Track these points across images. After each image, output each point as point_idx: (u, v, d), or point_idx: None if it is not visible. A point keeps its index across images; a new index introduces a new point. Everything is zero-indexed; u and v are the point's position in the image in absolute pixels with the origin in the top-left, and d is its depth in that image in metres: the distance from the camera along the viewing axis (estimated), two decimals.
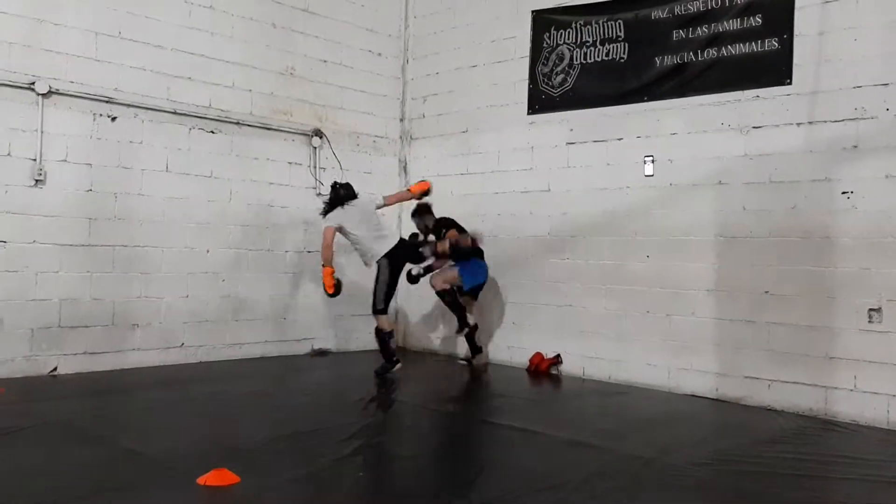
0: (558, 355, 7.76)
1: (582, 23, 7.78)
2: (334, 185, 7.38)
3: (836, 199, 6.09)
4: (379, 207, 7.46)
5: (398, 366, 7.32)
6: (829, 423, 5.89)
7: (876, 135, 5.93)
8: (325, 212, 7.30)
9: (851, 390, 5.95)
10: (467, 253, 7.63)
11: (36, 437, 4.86)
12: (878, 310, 5.85)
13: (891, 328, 5.78)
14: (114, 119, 7.18)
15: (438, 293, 7.79)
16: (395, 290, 7.51)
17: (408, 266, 7.70)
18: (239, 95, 8.05)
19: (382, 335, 7.31)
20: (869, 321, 5.89)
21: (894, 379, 5.74)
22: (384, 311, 7.28)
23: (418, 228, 8.11)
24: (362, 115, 9.15)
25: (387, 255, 7.21)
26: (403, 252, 7.41)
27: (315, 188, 8.62)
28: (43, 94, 6.74)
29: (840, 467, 4.77)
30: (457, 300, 7.78)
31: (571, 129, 7.84)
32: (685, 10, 7.00)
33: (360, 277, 7.98)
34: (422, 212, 8.08)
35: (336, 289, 7.12)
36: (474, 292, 7.95)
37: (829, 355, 6.07)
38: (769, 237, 6.44)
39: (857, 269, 5.97)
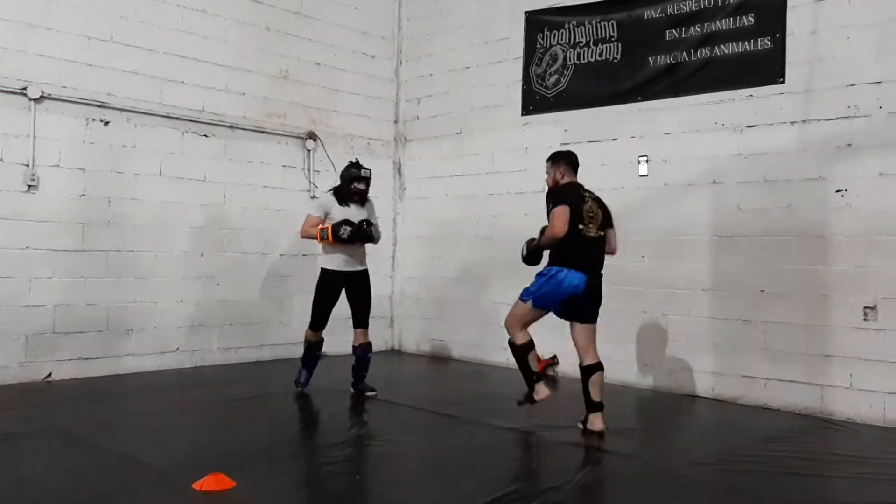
0: (554, 356, 7.75)
1: (575, 23, 7.78)
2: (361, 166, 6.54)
3: (830, 197, 6.11)
4: None
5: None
6: (825, 422, 5.90)
7: (869, 133, 5.94)
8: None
9: (847, 388, 5.96)
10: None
11: (31, 444, 4.84)
12: (874, 308, 5.86)
13: (886, 326, 5.79)
14: (106, 123, 7.15)
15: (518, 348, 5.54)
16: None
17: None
18: (232, 99, 8.03)
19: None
20: (864, 319, 5.89)
21: (890, 377, 5.75)
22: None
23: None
24: (356, 117, 9.14)
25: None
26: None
27: (309, 191, 8.60)
28: (35, 100, 6.72)
29: (837, 465, 4.78)
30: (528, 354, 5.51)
31: (566, 130, 7.84)
32: (678, 10, 7.00)
33: None
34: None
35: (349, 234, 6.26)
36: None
37: (825, 353, 6.07)
38: (764, 236, 6.45)
39: (851, 268, 5.97)
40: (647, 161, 7.23)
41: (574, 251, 5.25)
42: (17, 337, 6.64)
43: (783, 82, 6.37)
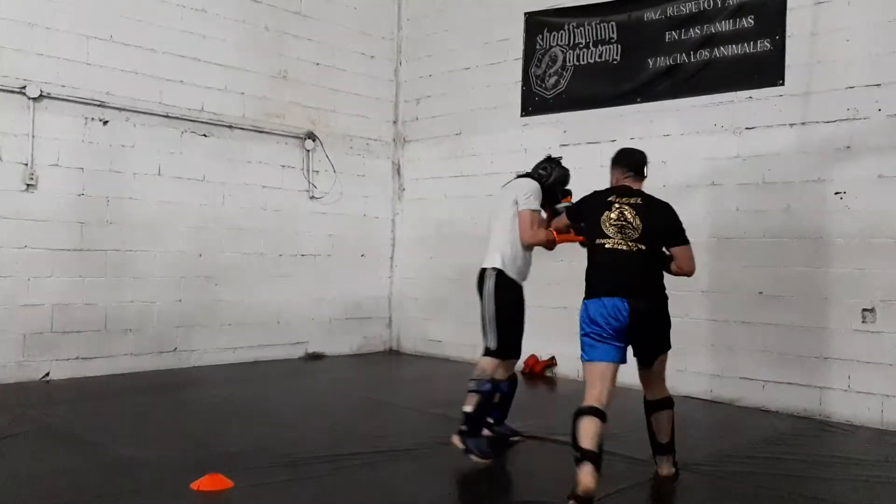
0: (553, 357, 7.75)
1: (574, 24, 7.78)
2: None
3: (828, 199, 6.11)
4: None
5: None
6: (823, 424, 5.90)
7: (868, 135, 5.94)
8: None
9: (845, 391, 5.96)
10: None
11: (28, 444, 4.83)
12: (872, 310, 5.86)
13: (884, 328, 5.79)
14: (105, 123, 7.15)
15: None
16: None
17: None
18: (231, 98, 8.03)
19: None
20: (862, 321, 5.90)
21: (888, 379, 5.75)
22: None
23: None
24: (355, 117, 9.14)
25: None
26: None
27: (308, 191, 8.60)
28: (34, 99, 6.71)
29: (834, 468, 4.78)
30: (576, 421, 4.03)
31: (565, 131, 7.84)
32: (678, 12, 7.00)
33: (366, 283, 7.93)
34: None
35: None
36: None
37: (823, 356, 6.07)
38: (763, 238, 6.45)
39: (850, 270, 5.97)
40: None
41: (593, 272, 4.23)
42: (15, 336, 6.63)
43: (782, 84, 6.37)
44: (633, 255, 4.14)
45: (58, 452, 4.69)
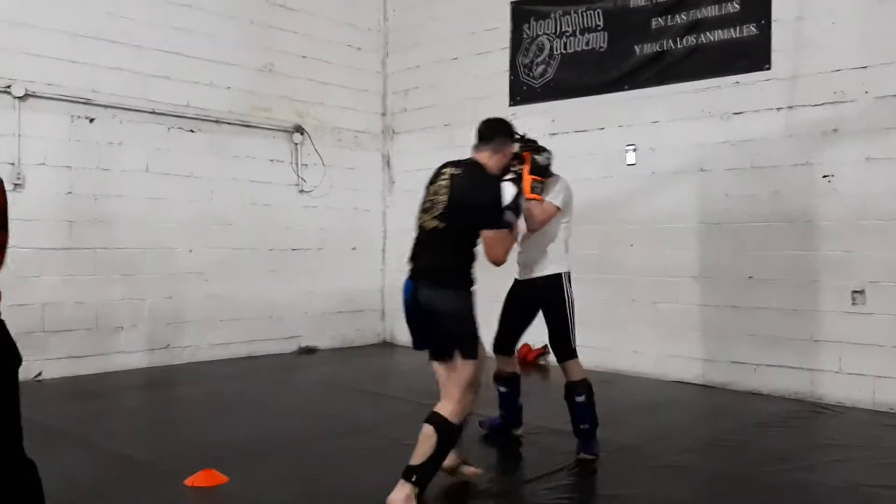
0: (546, 346, 7.75)
1: (561, 13, 7.77)
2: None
3: (817, 182, 6.13)
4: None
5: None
6: (815, 406, 5.93)
7: (855, 118, 5.96)
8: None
9: (837, 372, 6.00)
10: None
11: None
12: (861, 292, 5.89)
13: (874, 310, 5.83)
14: (92, 120, 7.11)
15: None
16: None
17: None
18: (217, 93, 7.98)
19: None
20: (852, 303, 5.93)
21: (878, 360, 5.79)
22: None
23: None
24: (343, 110, 9.11)
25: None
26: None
27: (297, 185, 8.58)
28: (20, 97, 6.66)
29: (826, 450, 4.81)
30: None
31: (553, 120, 7.83)
32: None
33: (358, 276, 7.90)
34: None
35: None
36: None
37: (814, 338, 6.11)
38: (752, 222, 6.47)
39: (839, 252, 6.00)
40: (634, 150, 7.23)
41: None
42: None
43: (769, 69, 6.38)
44: (430, 233, 3.80)
45: (50, 451, 4.66)
